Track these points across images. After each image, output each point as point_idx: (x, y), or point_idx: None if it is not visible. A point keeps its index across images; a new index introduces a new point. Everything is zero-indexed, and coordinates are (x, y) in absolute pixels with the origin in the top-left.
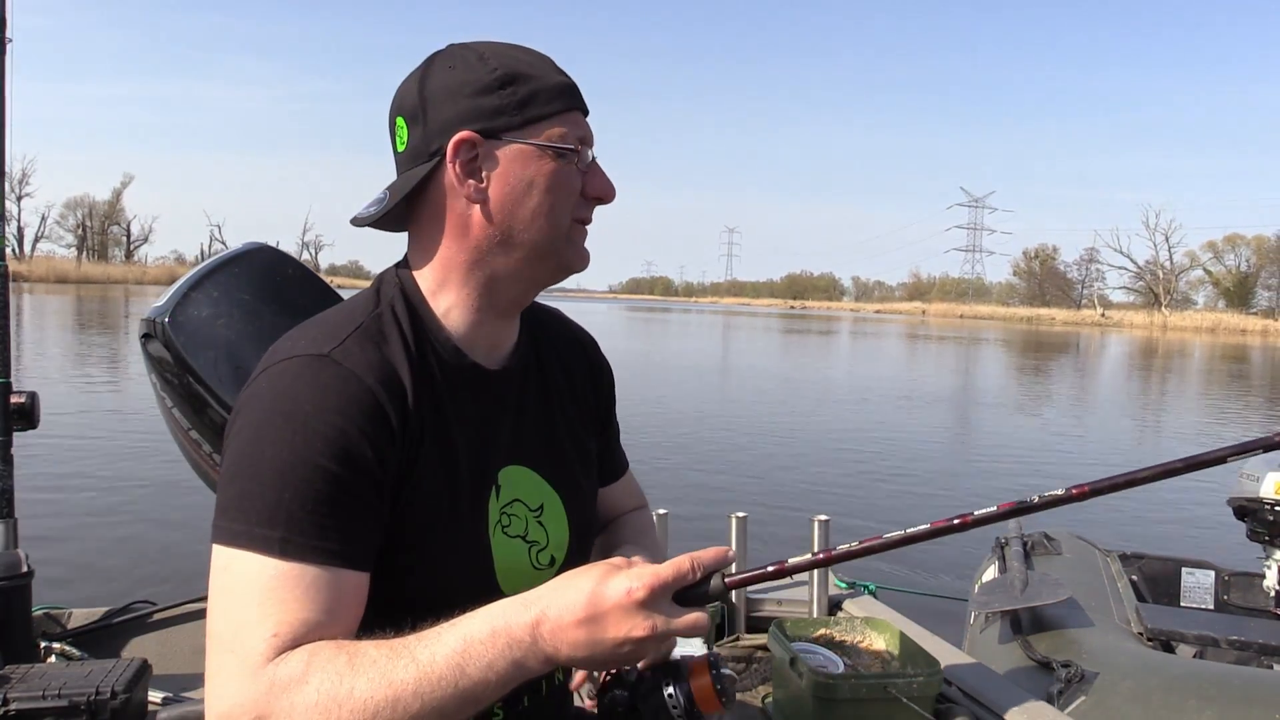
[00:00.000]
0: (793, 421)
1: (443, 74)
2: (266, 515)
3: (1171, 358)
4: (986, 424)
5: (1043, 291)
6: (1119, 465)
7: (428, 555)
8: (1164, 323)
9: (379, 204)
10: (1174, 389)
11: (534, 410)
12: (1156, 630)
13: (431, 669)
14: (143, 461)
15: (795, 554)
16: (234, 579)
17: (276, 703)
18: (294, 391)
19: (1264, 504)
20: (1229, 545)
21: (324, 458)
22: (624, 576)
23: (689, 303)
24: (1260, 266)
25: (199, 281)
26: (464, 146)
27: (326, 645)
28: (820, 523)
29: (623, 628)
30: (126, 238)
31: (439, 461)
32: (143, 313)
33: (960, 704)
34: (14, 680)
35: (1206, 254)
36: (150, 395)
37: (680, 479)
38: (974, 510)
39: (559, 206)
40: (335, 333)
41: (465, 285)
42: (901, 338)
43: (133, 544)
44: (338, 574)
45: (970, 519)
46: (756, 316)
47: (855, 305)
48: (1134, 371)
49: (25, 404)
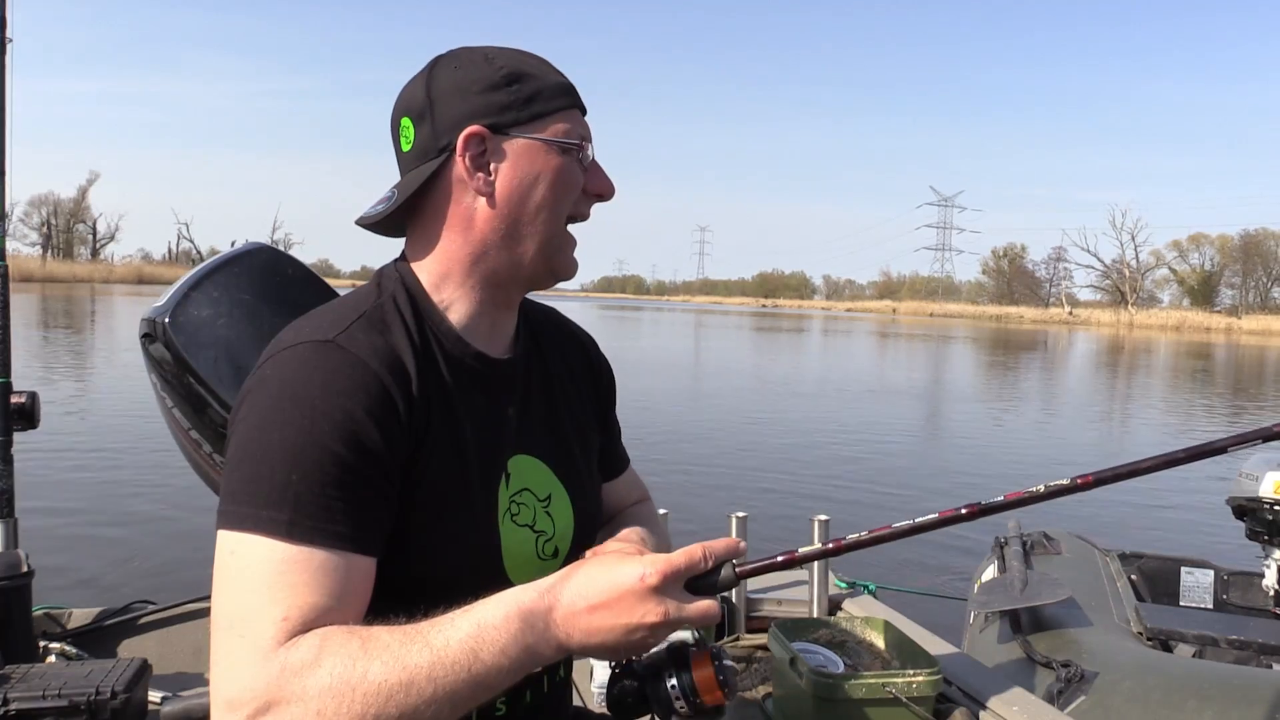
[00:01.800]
0: (782, 419)
1: (449, 74)
2: (274, 498)
3: (1138, 355)
4: (971, 419)
5: (1011, 290)
6: (1108, 451)
7: (436, 541)
8: (1130, 321)
9: (387, 202)
10: (1146, 384)
11: (537, 401)
12: (1156, 630)
13: (445, 653)
14: (143, 461)
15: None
16: (241, 563)
17: (288, 686)
18: (301, 376)
19: (1263, 503)
20: (1228, 545)
21: (332, 441)
22: (637, 563)
23: (661, 301)
24: (1224, 265)
25: (199, 281)
26: (474, 140)
27: (338, 630)
28: (820, 523)
29: (635, 614)
30: (93, 236)
31: (448, 447)
32: (142, 312)
33: (960, 704)
34: (14, 680)
35: (1171, 253)
36: (150, 395)
37: (676, 477)
38: (980, 500)
39: (562, 201)
40: (339, 321)
41: (467, 280)
42: (875, 336)
43: (133, 544)
44: (346, 558)
45: (977, 508)
46: (729, 315)
47: (826, 304)
48: (1107, 368)
49: (25, 404)
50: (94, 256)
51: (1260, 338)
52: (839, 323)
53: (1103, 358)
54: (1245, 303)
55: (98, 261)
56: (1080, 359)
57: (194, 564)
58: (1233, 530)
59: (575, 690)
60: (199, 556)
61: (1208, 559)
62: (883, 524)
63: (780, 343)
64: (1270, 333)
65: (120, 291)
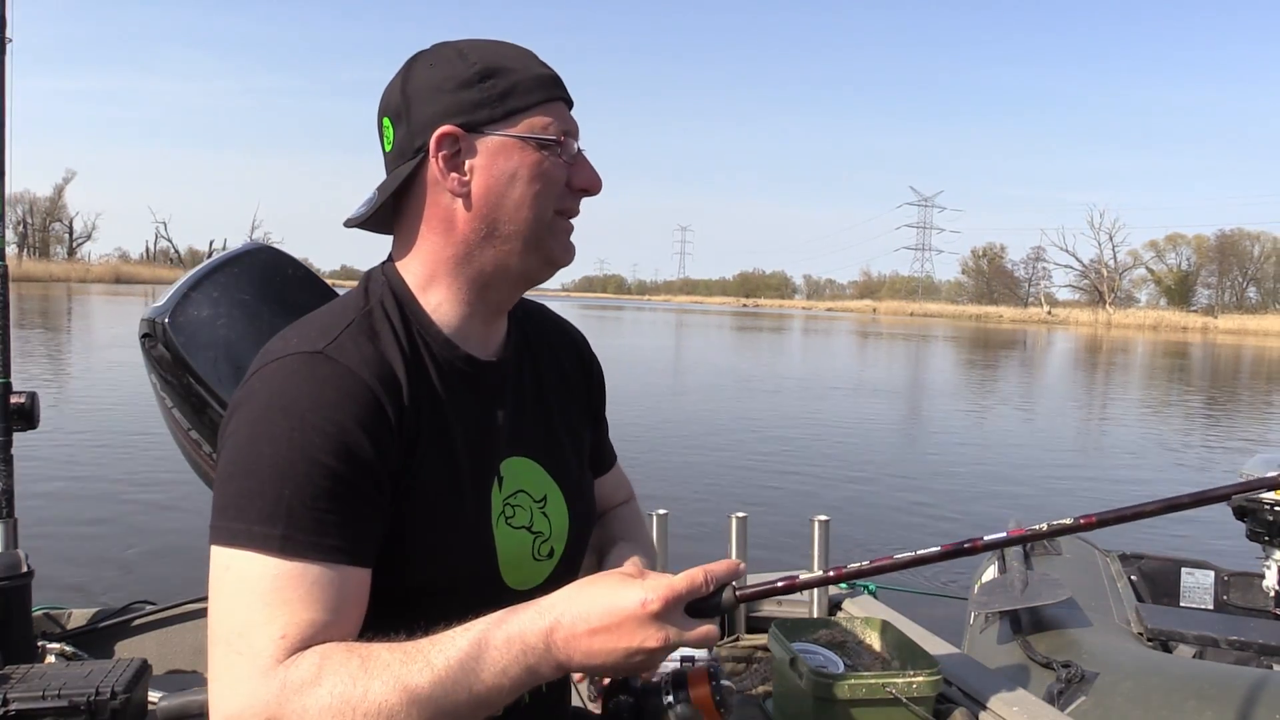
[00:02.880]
0: (780, 418)
1: (424, 72)
2: (266, 513)
3: (1115, 354)
4: (964, 415)
5: (991, 290)
6: (1101, 448)
7: (431, 546)
8: (1108, 320)
9: (369, 204)
10: (1126, 383)
11: (530, 402)
12: (1156, 630)
13: (445, 673)
14: (142, 461)
15: (794, 555)
16: (236, 579)
17: (289, 705)
18: (290, 389)
19: (1264, 504)
20: (1228, 545)
21: (323, 454)
22: (639, 588)
23: (642, 301)
24: (1200, 265)
25: (199, 281)
26: (446, 140)
27: (338, 647)
28: (820, 523)
29: (636, 638)
30: (69, 235)
31: (439, 454)
32: (143, 312)
33: (960, 704)
34: (14, 680)
35: (1149, 253)
36: (150, 395)
37: (672, 474)
38: (984, 535)
39: (542, 197)
40: (327, 330)
41: (454, 281)
42: (857, 335)
43: (133, 544)
44: (341, 570)
45: (980, 544)
46: (710, 314)
47: (807, 303)
48: (1089, 368)
49: (25, 404)
50: (70, 256)
51: (1236, 337)
52: (820, 322)
53: (1081, 355)
54: (1221, 302)
55: (74, 261)
56: (1060, 357)
57: (194, 564)
58: (1233, 530)
59: (575, 691)
60: (199, 556)
61: (1208, 560)
62: (881, 526)
63: (764, 342)
64: (1245, 332)
65: (97, 291)
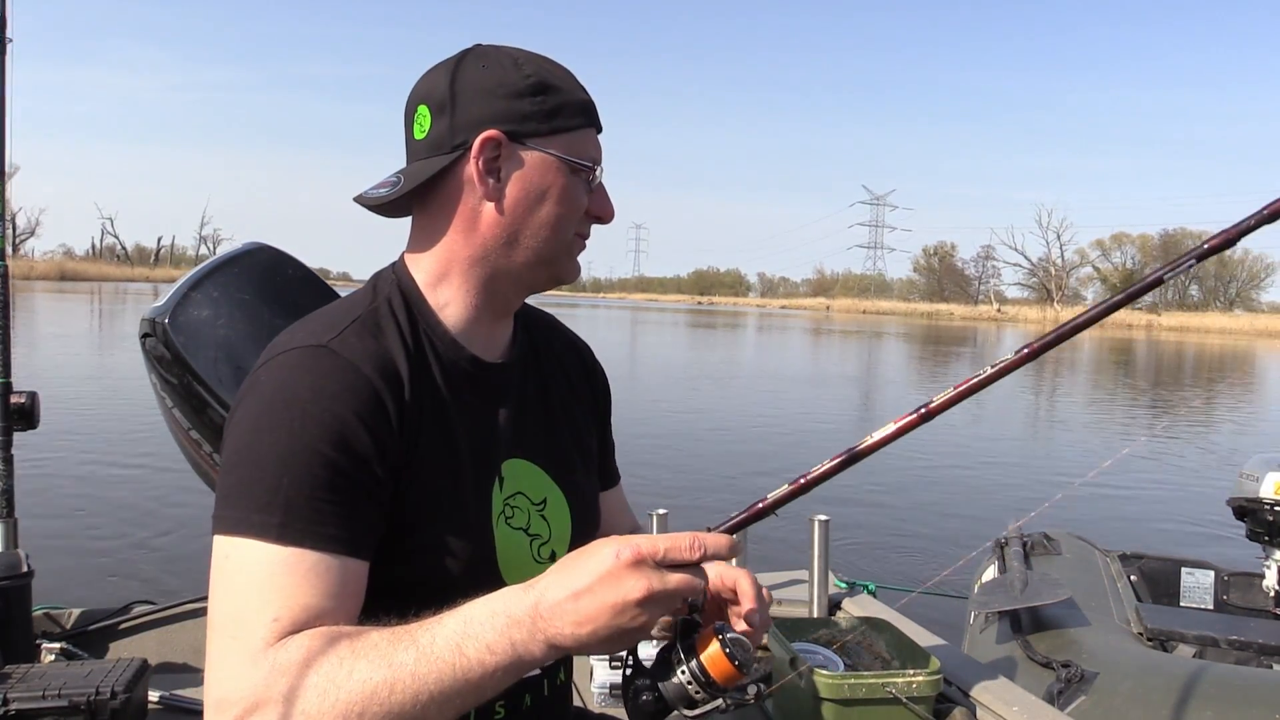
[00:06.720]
0: (780, 416)
1: (476, 71)
2: (265, 501)
3: (1064, 349)
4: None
5: (942, 287)
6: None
7: (430, 542)
8: (1056, 317)
9: (391, 187)
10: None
11: (533, 405)
12: (1156, 630)
13: (430, 650)
14: (142, 461)
15: (794, 555)
16: (234, 566)
17: (276, 686)
18: (292, 381)
19: (1263, 504)
20: (1228, 545)
21: (323, 444)
22: (612, 543)
23: (598, 299)
24: (1145, 264)
25: (199, 281)
26: (490, 144)
27: (328, 630)
28: (820, 522)
29: (618, 591)
30: (12, 231)
31: (440, 450)
32: (143, 312)
33: (960, 704)
34: (14, 680)
35: (1095, 251)
36: (150, 395)
37: (670, 477)
38: (932, 399)
39: (565, 220)
40: (333, 325)
41: (466, 280)
42: (811, 333)
43: (133, 544)
44: (338, 560)
45: (934, 406)
46: (666, 312)
47: (761, 301)
48: (1038, 363)
49: (25, 404)
50: (14, 252)
51: (1178, 334)
52: (774, 319)
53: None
54: (1165, 300)
55: (18, 258)
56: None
57: (193, 563)
58: (1233, 530)
59: (575, 691)
60: (198, 556)
61: (1208, 560)
62: (880, 527)
63: (719, 339)
64: (1188, 329)
65: (41, 289)
